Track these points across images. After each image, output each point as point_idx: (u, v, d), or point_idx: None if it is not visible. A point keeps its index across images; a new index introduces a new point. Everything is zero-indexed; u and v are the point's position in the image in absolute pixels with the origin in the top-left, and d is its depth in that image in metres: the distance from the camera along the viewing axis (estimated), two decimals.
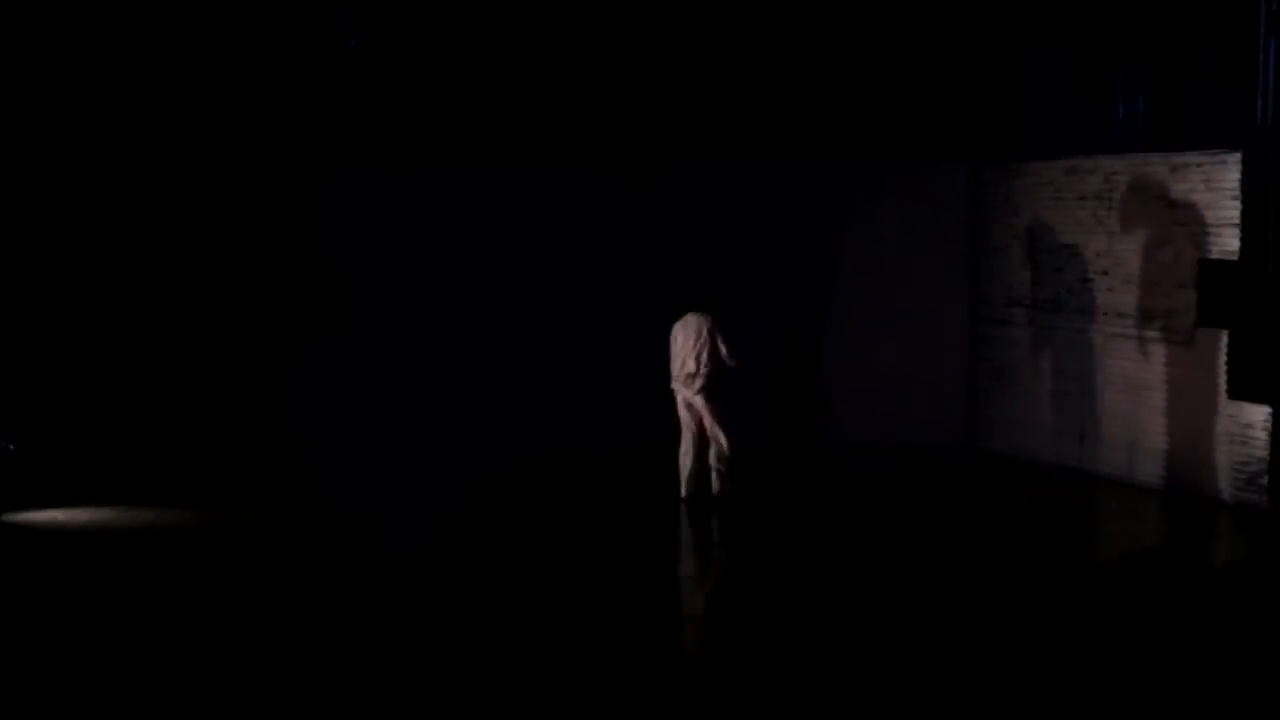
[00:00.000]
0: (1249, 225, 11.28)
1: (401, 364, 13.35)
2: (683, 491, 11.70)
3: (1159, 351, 12.14)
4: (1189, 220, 11.87)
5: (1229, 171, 11.48)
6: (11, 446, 11.97)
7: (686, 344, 11.48)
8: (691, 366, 11.45)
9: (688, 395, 11.52)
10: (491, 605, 9.07)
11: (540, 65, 13.64)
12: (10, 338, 12.25)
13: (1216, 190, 11.61)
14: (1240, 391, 11.43)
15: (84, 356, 12.51)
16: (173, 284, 12.80)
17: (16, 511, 11.38)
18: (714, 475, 11.62)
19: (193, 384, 12.84)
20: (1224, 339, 11.57)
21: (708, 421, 11.53)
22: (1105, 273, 12.66)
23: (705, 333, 11.41)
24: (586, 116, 13.74)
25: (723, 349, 11.40)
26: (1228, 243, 11.50)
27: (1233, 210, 11.44)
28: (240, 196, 12.98)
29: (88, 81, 12.44)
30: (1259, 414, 11.33)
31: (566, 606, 9.04)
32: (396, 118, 13.34)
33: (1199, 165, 11.77)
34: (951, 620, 8.71)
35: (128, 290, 12.67)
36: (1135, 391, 12.38)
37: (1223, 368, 11.58)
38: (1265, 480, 11.25)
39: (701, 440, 11.63)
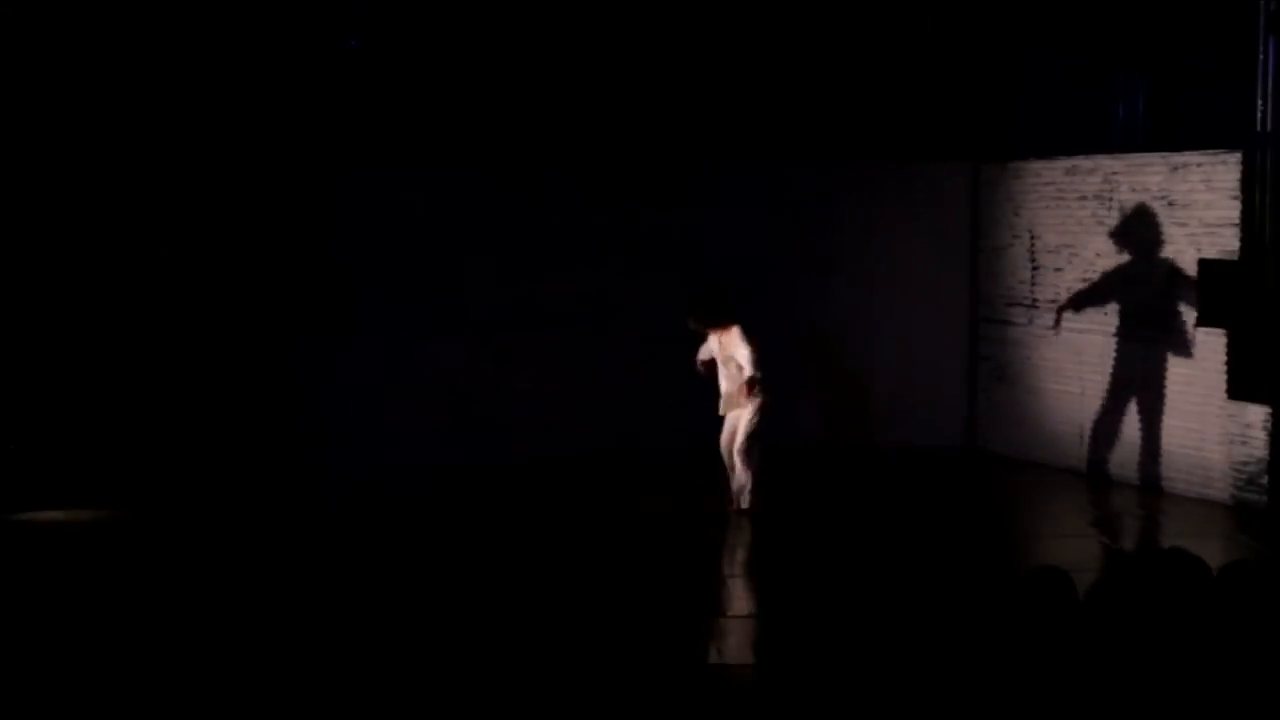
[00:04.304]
0: (1249, 225, 11.28)
1: (402, 363, 13.33)
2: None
3: (1159, 351, 12.13)
4: (1189, 220, 11.87)
5: (1229, 171, 11.48)
6: (12, 446, 11.97)
7: (721, 367, 11.21)
8: (727, 387, 11.20)
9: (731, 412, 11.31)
10: (490, 607, 9.07)
11: (540, 67, 13.62)
12: (10, 337, 12.25)
13: (1216, 190, 11.61)
14: (1240, 391, 11.43)
15: (84, 356, 12.49)
16: (171, 284, 12.79)
17: (16, 511, 11.37)
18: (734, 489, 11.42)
19: (192, 383, 12.82)
20: (1224, 339, 11.57)
21: (740, 435, 11.21)
22: (1105, 273, 12.66)
23: (733, 346, 11.13)
24: (588, 117, 13.72)
25: (745, 365, 10.97)
26: (1228, 243, 11.49)
27: (1233, 210, 11.44)
28: (238, 196, 12.96)
29: (89, 81, 12.43)
30: (1259, 414, 11.32)
31: (561, 608, 9.04)
32: (397, 118, 13.32)
33: (1199, 165, 11.77)
34: (949, 620, 8.70)
35: (127, 289, 12.66)
36: (1135, 391, 12.38)
37: (1223, 368, 11.58)
38: (1265, 480, 11.25)
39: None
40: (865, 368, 14.08)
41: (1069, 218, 13.02)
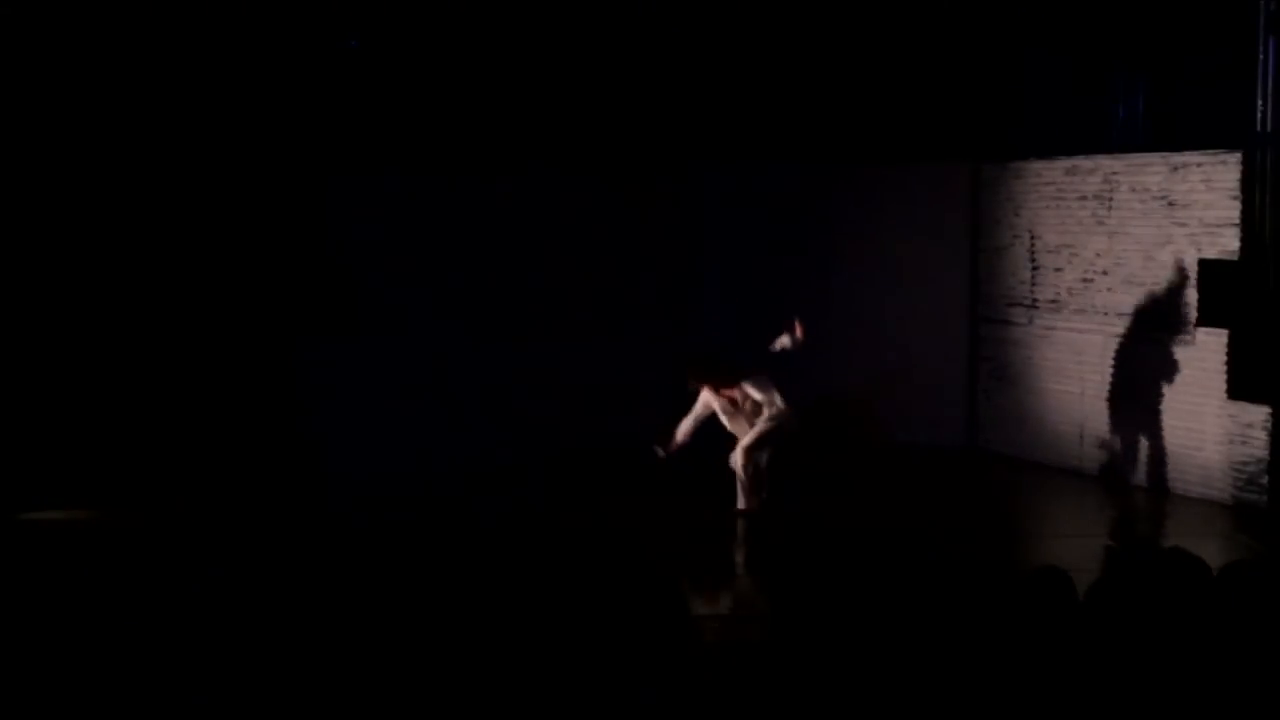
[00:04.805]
0: (1249, 225, 11.29)
1: (402, 364, 13.33)
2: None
3: (1159, 351, 12.13)
4: (1189, 220, 11.87)
5: (1229, 171, 11.48)
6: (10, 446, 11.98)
7: (725, 417, 11.24)
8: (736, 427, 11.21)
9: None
10: (491, 609, 9.06)
11: (540, 67, 13.63)
12: (10, 338, 12.25)
13: (1216, 190, 11.61)
14: (1240, 391, 11.43)
15: (84, 356, 12.49)
16: (171, 284, 12.79)
17: (16, 511, 11.37)
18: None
19: (193, 384, 12.82)
20: (1224, 339, 11.57)
21: (749, 437, 11.19)
22: (1105, 273, 12.67)
23: (745, 395, 11.12)
24: (586, 119, 13.73)
25: (773, 406, 10.99)
26: (1228, 243, 11.50)
27: (1233, 210, 11.45)
28: (238, 196, 12.96)
29: (87, 81, 12.44)
30: (1259, 414, 11.32)
31: (563, 608, 9.03)
32: (397, 119, 13.33)
33: (1199, 165, 11.77)
34: (949, 620, 8.70)
35: (128, 290, 12.66)
36: (1136, 391, 12.38)
37: (1223, 368, 11.58)
38: (1265, 480, 11.25)
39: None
40: (865, 368, 14.07)
41: (1069, 218, 13.02)
